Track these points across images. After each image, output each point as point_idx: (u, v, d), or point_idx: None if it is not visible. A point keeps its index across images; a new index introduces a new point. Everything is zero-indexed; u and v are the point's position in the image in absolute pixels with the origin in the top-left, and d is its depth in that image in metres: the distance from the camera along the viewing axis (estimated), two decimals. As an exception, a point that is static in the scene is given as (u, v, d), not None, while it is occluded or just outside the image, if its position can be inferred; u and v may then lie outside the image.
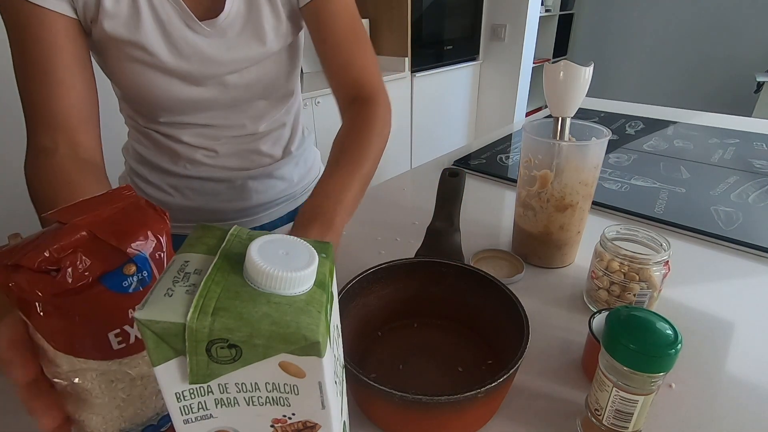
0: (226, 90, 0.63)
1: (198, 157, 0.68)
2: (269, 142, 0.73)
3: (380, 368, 0.45)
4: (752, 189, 0.80)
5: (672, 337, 0.32)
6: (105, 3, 0.52)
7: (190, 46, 0.57)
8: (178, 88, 0.60)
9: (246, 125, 0.69)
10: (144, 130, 0.68)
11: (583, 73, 0.52)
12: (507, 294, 0.43)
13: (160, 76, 0.58)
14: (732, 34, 3.53)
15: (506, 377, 0.34)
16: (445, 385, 0.43)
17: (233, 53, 0.60)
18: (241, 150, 0.70)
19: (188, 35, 0.57)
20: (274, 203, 0.78)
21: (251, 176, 0.73)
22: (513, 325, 0.41)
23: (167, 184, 0.71)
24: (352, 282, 0.45)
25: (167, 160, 0.69)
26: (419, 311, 0.50)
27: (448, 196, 0.60)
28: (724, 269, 0.60)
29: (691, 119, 1.25)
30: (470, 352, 0.46)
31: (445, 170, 0.61)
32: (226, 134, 0.68)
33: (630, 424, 0.35)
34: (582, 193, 0.56)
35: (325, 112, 2.08)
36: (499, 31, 2.85)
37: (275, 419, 0.24)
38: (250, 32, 0.60)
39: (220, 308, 0.21)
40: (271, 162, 0.75)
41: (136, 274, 0.29)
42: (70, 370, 0.29)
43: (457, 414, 0.35)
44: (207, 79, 0.61)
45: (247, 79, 0.63)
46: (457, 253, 0.56)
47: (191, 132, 0.67)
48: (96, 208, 0.29)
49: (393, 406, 0.36)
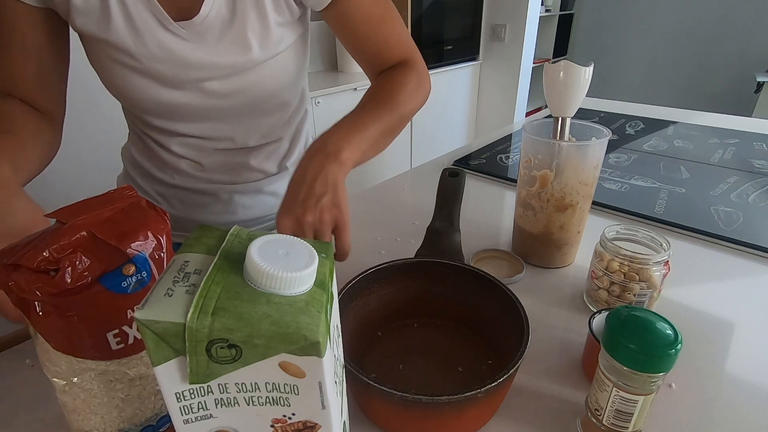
0: (205, 97, 0.60)
1: (183, 167, 0.67)
2: (260, 156, 0.69)
3: (380, 368, 0.45)
4: (752, 189, 0.80)
5: (672, 337, 0.32)
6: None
7: (163, 47, 0.55)
8: (154, 90, 0.58)
9: (234, 138, 0.65)
10: (139, 133, 0.67)
11: (583, 73, 0.52)
12: (507, 294, 0.43)
13: (137, 76, 0.57)
14: (732, 34, 3.53)
15: (506, 377, 0.34)
16: (445, 385, 0.43)
17: (211, 58, 0.57)
18: (229, 163, 0.67)
19: (161, 35, 0.54)
20: (264, 219, 0.74)
21: (238, 191, 0.70)
22: (513, 325, 0.41)
23: (155, 192, 0.70)
24: (352, 282, 0.45)
25: (156, 167, 0.68)
26: (419, 311, 0.50)
27: (448, 196, 0.59)
28: (724, 269, 0.60)
29: (691, 119, 1.25)
30: (470, 352, 0.46)
31: (445, 170, 0.61)
32: (213, 146, 0.66)
33: (630, 424, 0.35)
34: (582, 193, 0.56)
35: (325, 112, 2.07)
36: (499, 31, 2.85)
37: (275, 419, 0.24)
38: (231, 39, 0.56)
39: (220, 308, 0.21)
40: (262, 177, 0.71)
41: (135, 274, 0.29)
42: (69, 370, 0.29)
43: (457, 414, 0.35)
44: (183, 83, 0.58)
45: (229, 87, 0.59)
46: (457, 253, 0.56)
47: (179, 141, 0.65)
48: (96, 208, 0.29)
49: (393, 406, 0.36)
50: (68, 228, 0.27)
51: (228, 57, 0.57)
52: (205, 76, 0.58)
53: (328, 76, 2.35)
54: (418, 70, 0.63)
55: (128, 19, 0.52)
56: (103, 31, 0.52)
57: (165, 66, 0.56)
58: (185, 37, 0.55)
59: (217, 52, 0.56)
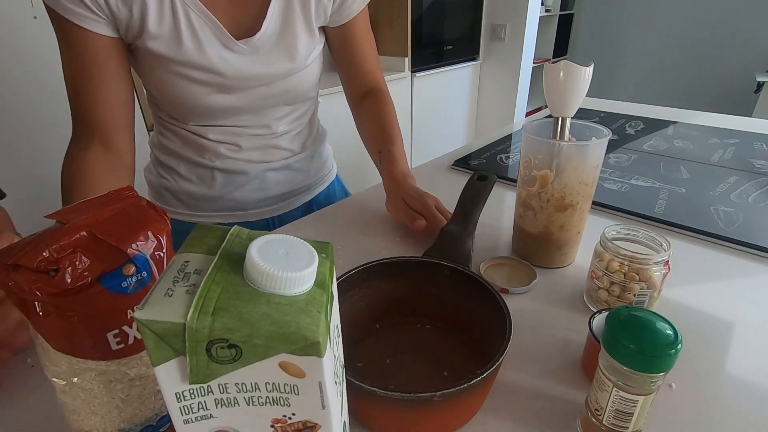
0: (255, 99, 0.69)
1: (222, 150, 0.73)
2: (288, 138, 0.78)
3: (368, 359, 0.45)
4: (752, 189, 0.80)
5: (672, 337, 0.32)
6: (149, 25, 0.57)
7: (226, 63, 0.63)
8: (212, 98, 0.65)
9: (269, 125, 0.74)
10: (172, 128, 0.72)
11: (584, 73, 0.52)
12: (498, 302, 0.42)
13: (197, 87, 0.63)
14: (732, 34, 3.53)
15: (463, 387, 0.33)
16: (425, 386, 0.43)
17: (265, 69, 0.66)
18: (263, 145, 0.76)
19: (225, 54, 0.62)
20: (293, 194, 0.84)
21: (272, 168, 0.78)
22: (501, 335, 0.40)
23: (196, 175, 0.76)
24: (352, 272, 0.46)
25: (193, 152, 0.73)
26: (421, 310, 0.50)
27: (469, 199, 0.60)
28: (724, 269, 0.60)
29: (691, 119, 1.25)
30: (460, 357, 0.46)
31: (475, 173, 0.62)
32: (249, 132, 0.73)
33: (630, 424, 0.35)
34: (582, 193, 0.56)
35: (325, 112, 2.07)
36: (499, 31, 2.85)
37: (275, 419, 0.24)
38: (282, 50, 0.66)
39: (220, 308, 0.21)
40: (290, 155, 0.80)
41: (135, 274, 0.29)
42: (69, 370, 0.29)
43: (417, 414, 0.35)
44: (237, 90, 0.66)
45: (274, 90, 0.69)
46: (465, 258, 0.56)
47: (217, 130, 0.71)
48: (96, 209, 0.29)
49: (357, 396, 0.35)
50: (68, 228, 0.27)
51: (279, 66, 0.67)
52: (257, 84, 0.67)
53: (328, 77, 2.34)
54: (390, 98, 0.83)
55: (196, 41, 0.60)
56: (173, 51, 0.60)
57: (226, 79, 0.64)
58: (244, 53, 0.64)
59: (270, 63, 0.66)
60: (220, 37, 0.61)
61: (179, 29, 0.58)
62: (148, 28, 0.57)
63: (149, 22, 0.57)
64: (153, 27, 0.57)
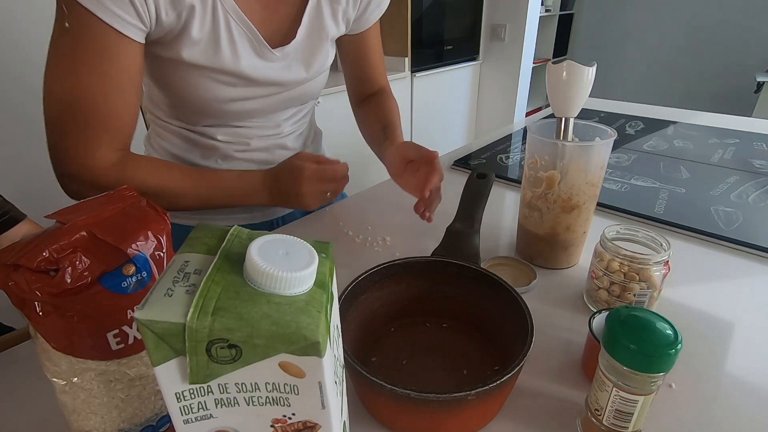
0: (273, 102, 0.69)
1: (230, 152, 0.73)
2: (293, 138, 0.79)
3: (384, 360, 0.45)
4: (752, 189, 0.80)
5: (672, 337, 0.32)
6: (192, 31, 0.55)
7: (257, 70, 0.63)
8: (234, 102, 0.65)
9: (279, 125, 0.75)
10: (175, 130, 0.71)
11: (587, 73, 0.52)
12: (517, 301, 0.42)
13: (222, 90, 0.63)
14: (732, 34, 3.53)
15: (494, 385, 0.33)
16: (447, 385, 0.43)
17: (292, 75, 0.67)
18: (270, 145, 0.76)
19: (256, 61, 0.62)
20: None
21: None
22: (520, 332, 0.40)
23: None
24: (365, 275, 0.46)
25: (198, 155, 0.72)
26: (433, 310, 0.50)
27: (472, 197, 0.60)
28: (724, 269, 0.60)
29: (691, 119, 1.25)
30: (478, 355, 0.46)
31: (473, 172, 0.62)
32: (258, 134, 0.73)
33: (630, 424, 0.35)
34: (588, 193, 0.55)
35: (325, 112, 2.07)
36: (499, 31, 2.85)
37: (275, 419, 0.24)
38: (309, 56, 0.67)
39: (220, 308, 0.21)
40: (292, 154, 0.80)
41: (135, 274, 0.29)
42: (69, 370, 0.29)
43: (449, 414, 0.35)
44: (264, 95, 0.67)
45: (293, 95, 0.71)
46: (474, 256, 0.56)
47: (227, 131, 0.71)
48: (96, 208, 0.29)
49: (384, 399, 0.36)
50: (68, 228, 0.27)
51: (303, 73, 0.68)
52: (282, 89, 0.68)
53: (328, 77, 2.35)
54: (393, 97, 0.86)
55: (233, 48, 0.60)
56: (209, 58, 0.59)
57: (253, 84, 0.64)
58: (275, 60, 0.64)
59: (297, 70, 0.67)
60: (256, 44, 0.61)
61: (218, 36, 0.58)
62: (190, 34, 0.56)
63: (193, 27, 0.56)
64: (195, 33, 0.56)
